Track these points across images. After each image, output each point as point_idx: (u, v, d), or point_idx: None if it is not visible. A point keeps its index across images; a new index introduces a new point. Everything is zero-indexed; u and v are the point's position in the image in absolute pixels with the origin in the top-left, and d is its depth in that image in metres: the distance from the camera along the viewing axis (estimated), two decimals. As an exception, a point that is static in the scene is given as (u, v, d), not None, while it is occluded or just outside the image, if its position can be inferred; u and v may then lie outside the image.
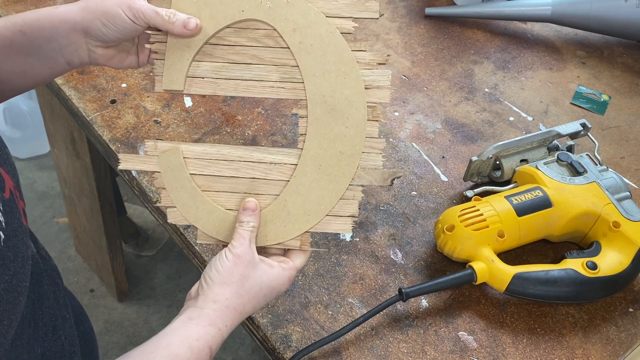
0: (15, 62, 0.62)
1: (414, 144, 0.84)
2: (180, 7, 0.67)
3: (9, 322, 0.43)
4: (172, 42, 0.66)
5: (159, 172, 0.64)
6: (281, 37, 0.67)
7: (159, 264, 1.72)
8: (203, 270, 0.70)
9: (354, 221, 0.62)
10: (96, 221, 1.38)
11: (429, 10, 1.05)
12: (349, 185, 0.63)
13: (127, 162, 0.63)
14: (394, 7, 1.07)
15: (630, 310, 0.68)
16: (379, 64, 0.67)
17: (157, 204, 0.66)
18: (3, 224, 0.43)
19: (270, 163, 0.65)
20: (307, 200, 0.63)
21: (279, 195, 0.62)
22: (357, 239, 0.73)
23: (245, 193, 0.64)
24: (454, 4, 1.08)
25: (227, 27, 0.68)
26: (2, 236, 0.43)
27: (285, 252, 0.61)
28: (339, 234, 0.73)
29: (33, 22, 0.61)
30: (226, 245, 0.60)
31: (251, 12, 0.68)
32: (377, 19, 0.72)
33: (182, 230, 0.72)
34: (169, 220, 0.64)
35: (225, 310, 0.55)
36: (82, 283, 1.66)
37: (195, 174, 0.64)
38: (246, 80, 0.67)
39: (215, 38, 0.68)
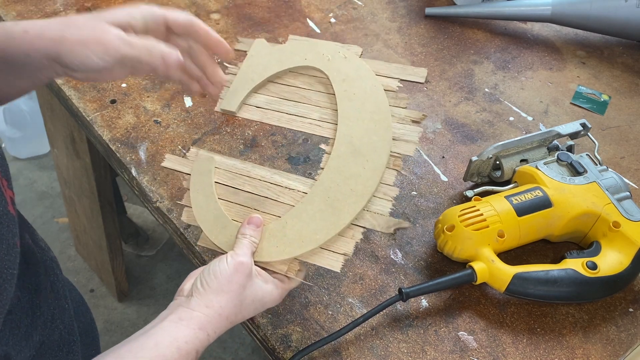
0: None
1: (414, 144, 0.84)
2: (258, 51, 0.79)
3: None
4: (239, 76, 0.76)
5: (190, 174, 0.69)
6: (331, 84, 0.75)
7: (159, 264, 1.72)
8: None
9: (345, 259, 0.63)
10: (96, 221, 1.38)
11: (429, 10, 1.05)
12: (352, 224, 0.64)
13: (169, 161, 0.73)
14: (394, 7, 1.07)
15: (630, 310, 0.68)
16: (413, 121, 0.72)
17: (178, 202, 0.72)
18: None
19: (285, 187, 0.68)
20: (306, 227, 0.64)
21: (281, 217, 0.65)
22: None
23: (254, 209, 0.66)
24: (454, 4, 1.08)
25: (290, 70, 0.78)
26: None
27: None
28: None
29: (5, 46, 0.56)
30: (222, 252, 0.61)
31: (312, 61, 0.78)
32: (423, 83, 0.80)
33: (182, 230, 0.72)
34: (182, 218, 0.68)
35: (217, 318, 0.54)
36: (82, 283, 1.66)
37: (218, 183, 0.69)
38: (290, 114, 0.75)
39: (276, 77, 0.77)
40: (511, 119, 0.89)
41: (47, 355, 0.60)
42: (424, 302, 0.68)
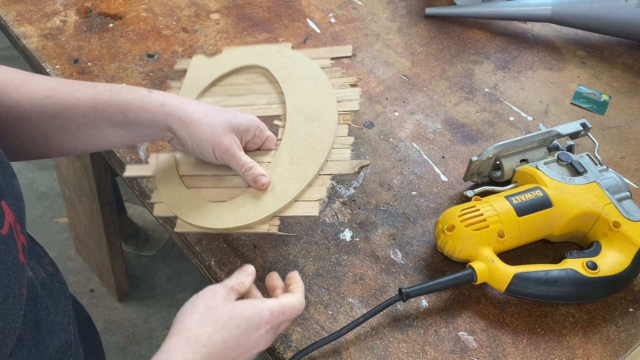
0: (110, 133, 0.66)
1: (414, 144, 0.84)
2: (198, 66, 0.83)
3: None
4: (184, 88, 0.81)
5: (154, 176, 0.73)
6: (271, 74, 0.81)
7: (159, 264, 1.72)
8: (203, 270, 0.70)
9: (321, 204, 0.69)
10: (96, 221, 1.38)
11: (429, 10, 1.05)
12: (319, 175, 0.70)
13: (130, 171, 0.74)
14: (394, 7, 1.07)
15: (630, 310, 0.68)
16: (351, 85, 0.80)
17: (147, 201, 0.73)
18: None
19: (251, 162, 0.71)
20: (278, 187, 0.69)
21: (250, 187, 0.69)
22: (357, 239, 0.73)
23: (226, 187, 0.70)
24: (454, 4, 1.08)
25: (230, 73, 0.83)
26: None
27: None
28: (340, 234, 0.73)
29: (137, 110, 0.64)
30: (202, 230, 0.65)
31: (250, 60, 0.84)
32: (351, 56, 0.90)
33: (182, 230, 0.72)
34: (154, 214, 0.71)
35: (185, 341, 0.52)
36: (82, 283, 1.66)
37: (184, 175, 0.72)
38: (239, 105, 0.80)
39: (219, 80, 0.82)
40: (511, 119, 0.89)
41: None
42: (424, 302, 0.68)
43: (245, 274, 0.61)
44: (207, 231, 0.66)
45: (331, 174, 0.70)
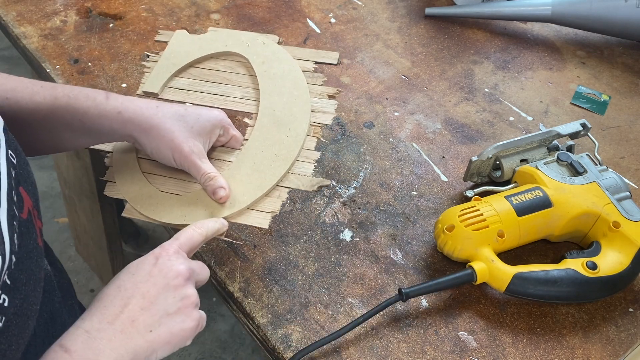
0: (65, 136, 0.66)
1: (414, 144, 0.84)
2: (179, 40, 0.81)
3: (17, 346, 0.42)
4: (162, 61, 0.79)
5: (112, 151, 0.72)
6: (251, 66, 0.79)
7: (159, 264, 1.71)
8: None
9: (272, 216, 0.69)
10: (96, 221, 1.38)
11: (429, 10, 1.05)
12: (278, 186, 0.70)
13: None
14: (394, 7, 1.07)
15: (630, 310, 0.68)
16: (330, 96, 0.79)
17: (100, 178, 0.73)
18: (17, 246, 0.42)
19: (212, 158, 0.71)
20: (234, 192, 0.68)
21: None
22: (357, 239, 0.73)
23: (181, 179, 0.70)
24: (454, 4, 1.08)
25: (211, 56, 0.81)
26: (14, 259, 0.42)
27: None
28: (340, 234, 0.73)
29: (94, 118, 0.64)
30: (148, 220, 0.66)
31: (232, 47, 0.82)
32: (336, 64, 0.88)
33: (182, 230, 0.72)
34: (104, 192, 0.70)
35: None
36: (82, 283, 1.66)
37: (142, 158, 0.71)
38: (213, 94, 0.78)
39: (198, 62, 0.80)
40: (511, 119, 0.89)
41: None
42: (424, 302, 0.68)
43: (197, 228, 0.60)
44: (153, 222, 0.65)
45: (289, 187, 0.69)
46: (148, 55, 0.78)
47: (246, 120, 0.74)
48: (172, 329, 0.51)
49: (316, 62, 0.81)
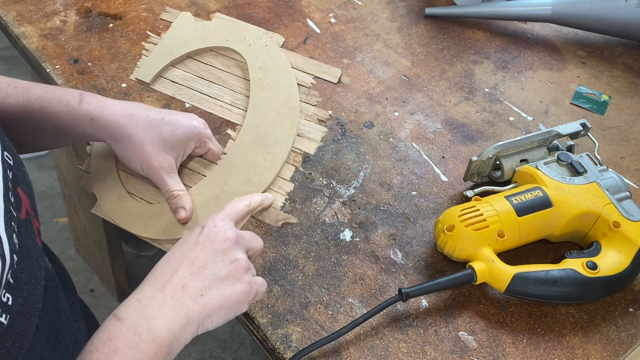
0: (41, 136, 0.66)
1: (414, 144, 0.84)
2: (182, 24, 0.78)
3: (20, 344, 0.42)
4: (159, 47, 0.76)
5: (92, 144, 0.71)
6: (247, 69, 0.76)
7: (159, 264, 1.72)
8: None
9: None
10: (96, 221, 1.38)
11: (429, 10, 1.05)
12: None
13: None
14: (394, 7, 1.07)
15: (630, 310, 0.68)
16: (320, 120, 0.75)
17: (78, 166, 0.72)
18: (17, 245, 0.42)
19: (186, 168, 0.70)
20: (198, 211, 0.66)
21: None
22: (357, 239, 0.73)
23: (153, 186, 0.68)
24: (454, 4, 1.08)
25: (210, 49, 0.78)
26: (15, 259, 0.42)
27: None
28: (340, 234, 0.73)
29: (67, 123, 0.63)
30: (113, 223, 0.65)
31: (233, 43, 0.78)
32: (335, 83, 0.83)
33: (182, 230, 0.72)
34: (80, 184, 0.70)
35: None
36: (82, 283, 1.66)
37: None
38: (203, 94, 0.75)
39: (196, 54, 0.77)
40: (511, 119, 0.89)
41: None
42: (424, 302, 0.68)
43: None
44: (117, 225, 0.65)
45: (254, 218, 0.67)
46: (149, 35, 0.76)
47: (229, 131, 0.72)
48: (223, 292, 0.52)
49: (315, 77, 0.78)
